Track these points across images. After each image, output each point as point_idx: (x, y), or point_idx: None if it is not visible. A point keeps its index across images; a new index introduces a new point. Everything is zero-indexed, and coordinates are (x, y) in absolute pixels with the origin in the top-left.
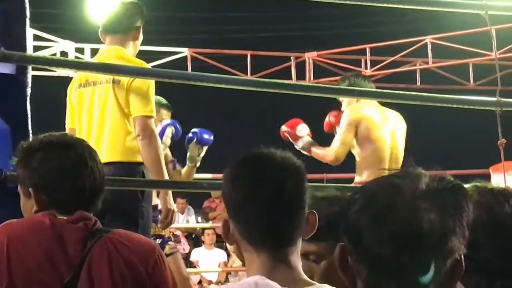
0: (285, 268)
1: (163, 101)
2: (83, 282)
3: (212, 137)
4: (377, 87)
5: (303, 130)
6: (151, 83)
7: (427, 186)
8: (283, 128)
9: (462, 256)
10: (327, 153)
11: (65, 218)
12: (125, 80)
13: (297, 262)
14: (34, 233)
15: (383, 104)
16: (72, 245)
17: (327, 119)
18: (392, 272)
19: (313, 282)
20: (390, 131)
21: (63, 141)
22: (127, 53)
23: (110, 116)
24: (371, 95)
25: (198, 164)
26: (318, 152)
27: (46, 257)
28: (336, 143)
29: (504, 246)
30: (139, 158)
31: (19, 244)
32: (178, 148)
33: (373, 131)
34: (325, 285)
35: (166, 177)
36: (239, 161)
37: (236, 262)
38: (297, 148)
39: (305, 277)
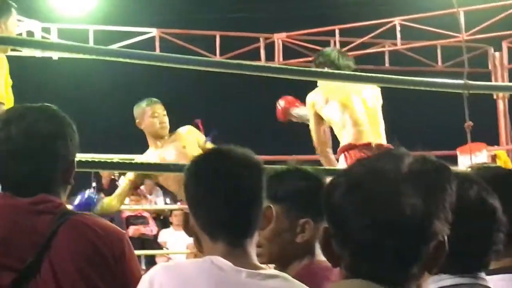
0: (241, 256)
1: (144, 101)
2: (47, 264)
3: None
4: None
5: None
6: (3, 67)
7: (410, 169)
8: (280, 104)
9: (446, 238)
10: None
11: (25, 199)
12: None
13: (252, 252)
14: None
15: None
16: (34, 226)
17: (278, 106)
18: (376, 257)
19: (265, 267)
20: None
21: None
22: None
23: None
24: (340, 77)
25: None
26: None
27: (4, 239)
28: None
29: (464, 231)
30: None
31: None
32: None
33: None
34: (274, 270)
35: None
36: (201, 157)
37: None
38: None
39: (259, 264)
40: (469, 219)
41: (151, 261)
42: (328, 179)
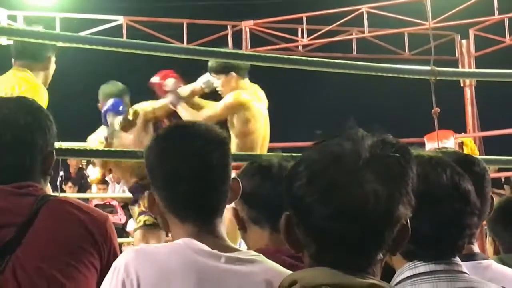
0: (211, 237)
1: (120, 85)
2: (28, 240)
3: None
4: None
5: (171, 84)
6: (42, 99)
7: (371, 153)
8: (154, 79)
9: (408, 221)
10: (195, 117)
11: (7, 185)
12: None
13: (223, 231)
14: None
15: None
16: (16, 207)
17: (155, 80)
18: (341, 245)
19: (239, 248)
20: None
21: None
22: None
23: None
24: (306, 64)
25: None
26: (183, 112)
27: None
28: (206, 114)
29: (437, 216)
30: None
31: None
32: None
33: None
34: (250, 252)
35: None
36: (164, 134)
37: None
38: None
39: (231, 244)
40: (442, 204)
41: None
42: None
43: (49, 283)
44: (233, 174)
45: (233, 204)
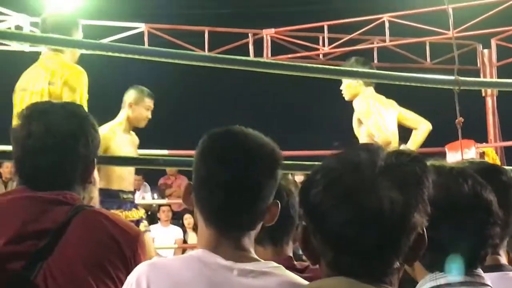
0: (232, 247)
1: (145, 90)
2: (60, 249)
3: None
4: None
5: None
6: (83, 81)
7: (386, 162)
8: None
9: (425, 230)
10: None
11: (44, 192)
12: (58, 81)
13: (248, 245)
14: (10, 206)
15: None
16: (50, 215)
17: None
18: (358, 252)
19: (259, 259)
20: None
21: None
22: (64, 58)
23: None
24: (327, 72)
25: None
26: None
27: (19, 229)
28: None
29: (459, 227)
30: None
31: None
32: None
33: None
34: (270, 263)
35: None
36: (211, 135)
37: (191, 239)
38: None
39: (252, 254)
40: (463, 214)
41: None
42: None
43: None
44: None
45: None
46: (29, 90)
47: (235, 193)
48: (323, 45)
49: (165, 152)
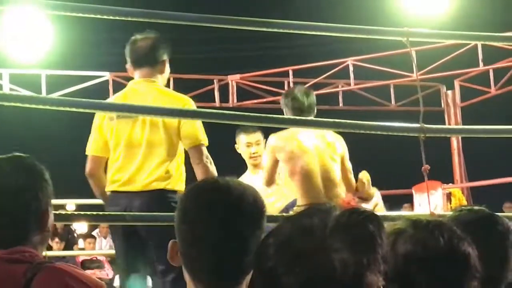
0: None
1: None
2: None
3: None
4: None
5: None
6: None
7: (337, 222)
8: None
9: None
10: None
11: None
12: None
13: None
14: None
15: None
16: (10, 275)
17: None
18: None
19: None
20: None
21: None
22: (160, 85)
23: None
24: (292, 123)
25: None
26: None
27: None
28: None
29: (439, 282)
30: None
31: None
32: None
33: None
34: None
35: None
36: (192, 190)
37: None
38: None
39: None
40: (441, 268)
41: None
42: None
43: None
44: None
45: None
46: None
47: (225, 252)
48: None
49: None
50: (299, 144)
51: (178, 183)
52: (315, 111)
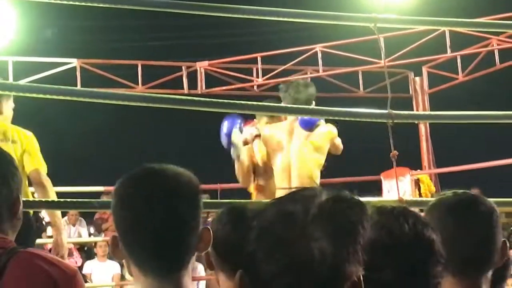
0: None
1: None
2: None
3: None
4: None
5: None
6: None
7: (320, 209)
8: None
9: (361, 277)
10: None
11: None
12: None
13: (188, 283)
14: None
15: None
16: None
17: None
18: None
19: None
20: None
21: None
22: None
23: None
24: (258, 109)
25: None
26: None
27: None
28: None
29: (404, 267)
30: None
31: None
32: None
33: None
34: None
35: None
36: (129, 178)
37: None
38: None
39: None
40: (405, 253)
41: None
42: None
43: None
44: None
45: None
46: None
47: (166, 236)
48: (257, 77)
49: (101, 188)
50: None
51: None
52: (313, 103)
